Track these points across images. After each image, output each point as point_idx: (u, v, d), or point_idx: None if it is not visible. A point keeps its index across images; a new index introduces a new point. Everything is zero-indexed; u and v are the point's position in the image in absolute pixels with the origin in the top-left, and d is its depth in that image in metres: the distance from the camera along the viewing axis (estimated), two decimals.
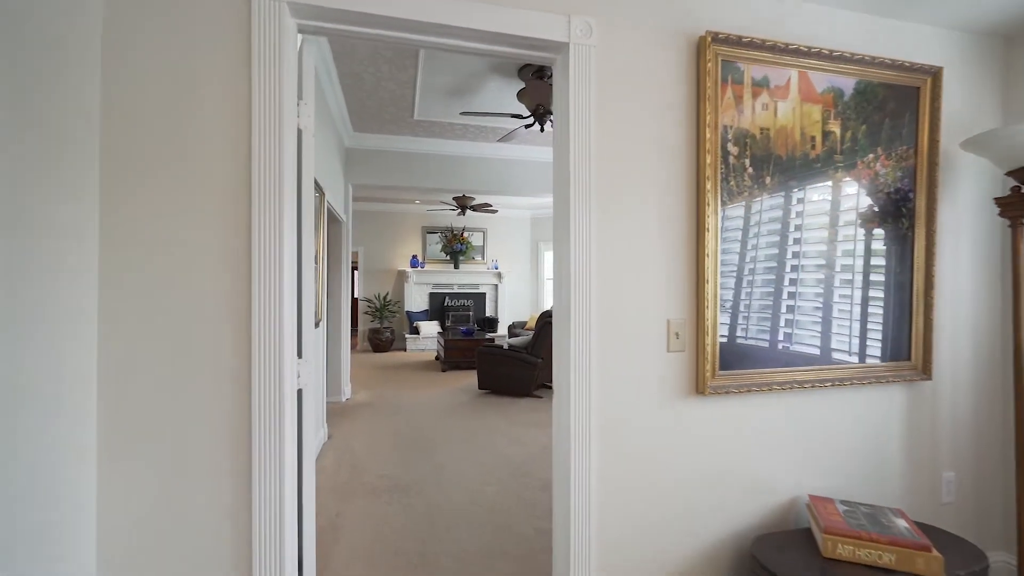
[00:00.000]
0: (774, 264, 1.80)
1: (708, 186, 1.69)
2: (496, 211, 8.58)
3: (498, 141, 4.87)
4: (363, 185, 5.67)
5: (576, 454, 1.60)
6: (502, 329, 10.06)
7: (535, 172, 6.06)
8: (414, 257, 9.77)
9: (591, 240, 1.62)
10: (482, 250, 10.34)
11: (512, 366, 5.47)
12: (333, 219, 5.02)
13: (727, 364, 1.74)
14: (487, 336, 7.66)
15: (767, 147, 1.77)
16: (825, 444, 1.87)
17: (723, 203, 1.72)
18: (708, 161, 1.68)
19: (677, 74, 1.71)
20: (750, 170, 1.75)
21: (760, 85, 1.76)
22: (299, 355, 1.50)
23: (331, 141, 4.43)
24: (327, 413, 4.68)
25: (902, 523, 1.60)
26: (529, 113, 3.88)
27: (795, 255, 1.82)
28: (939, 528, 1.88)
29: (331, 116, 4.48)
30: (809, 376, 1.82)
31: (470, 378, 6.68)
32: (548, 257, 10.42)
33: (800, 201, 1.82)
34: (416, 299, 9.86)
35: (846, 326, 1.88)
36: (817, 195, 1.84)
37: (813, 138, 1.82)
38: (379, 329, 9.28)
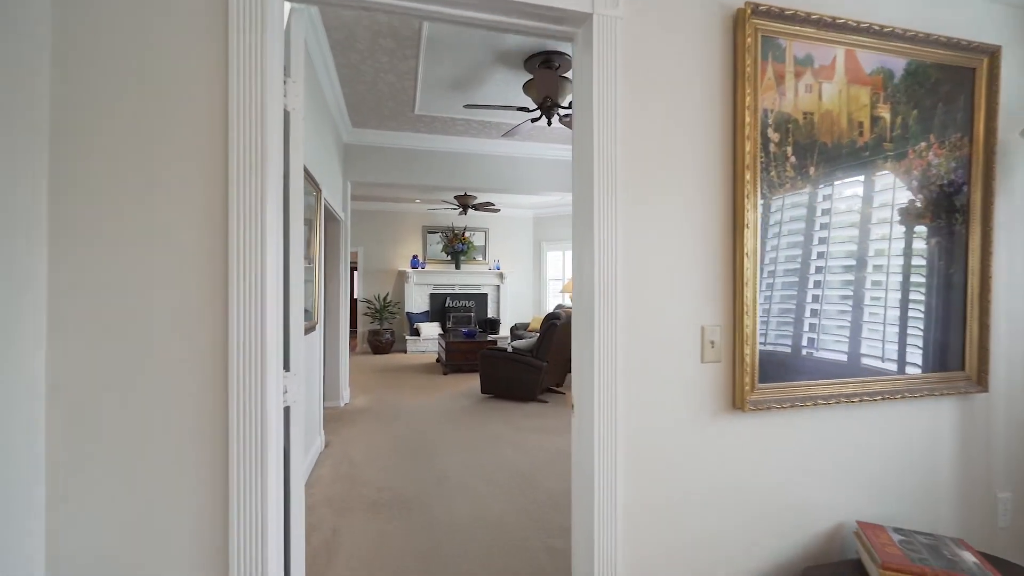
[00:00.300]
0: (821, 264, 1.61)
1: (747, 176, 1.50)
2: (498, 210, 8.40)
3: (502, 137, 4.68)
4: (362, 183, 5.49)
5: (600, 473, 1.42)
6: (504, 330, 9.88)
7: (541, 169, 5.88)
8: (414, 257, 9.59)
9: (616, 238, 1.43)
10: (484, 250, 10.16)
11: (516, 370, 5.29)
12: (331, 217, 4.84)
13: (766, 376, 1.55)
14: (489, 338, 7.48)
15: (811, 133, 1.59)
16: (872, 463, 1.69)
17: (763, 196, 1.54)
18: (747, 148, 1.50)
19: (711, 50, 1.53)
20: (793, 159, 1.57)
21: (803, 64, 1.57)
22: (286, 367, 1.31)
23: (328, 136, 4.25)
24: (324, 419, 4.51)
25: (969, 556, 1.42)
26: (536, 106, 3.70)
27: (848, 254, 1.64)
28: (1005, 559, 1.70)
29: (328, 110, 4.30)
30: (856, 389, 1.64)
31: (472, 381, 6.50)
32: (551, 257, 10.23)
33: (849, 195, 1.64)
34: (416, 300, 9.68)
35: (897, 333, 1.69)
36: (865, 188, 1.65)
37: (861, 124, 1.64)
38: (379, 331, 9.10)
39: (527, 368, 5.23)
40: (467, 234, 9.85)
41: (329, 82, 4.07)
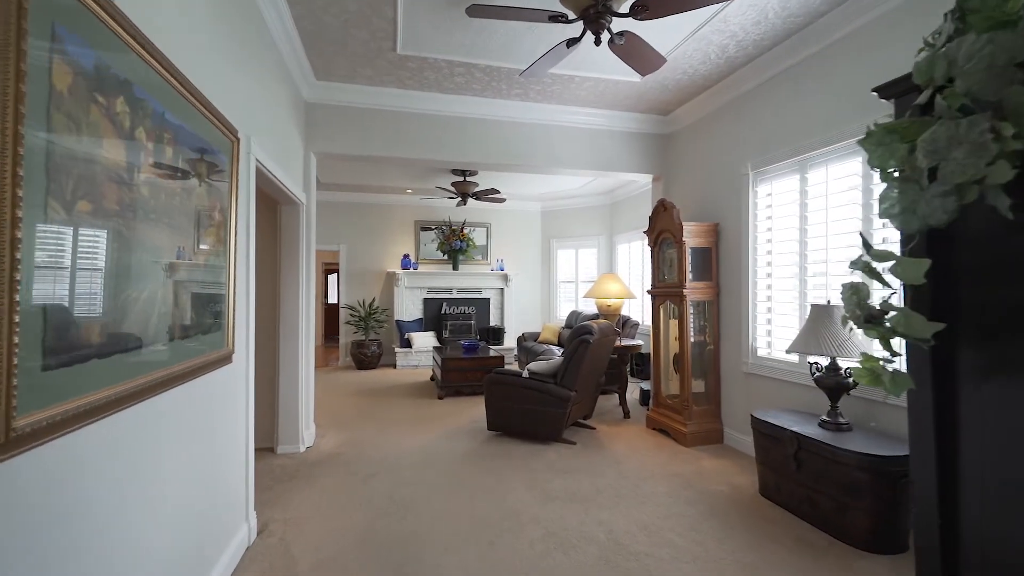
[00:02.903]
0: None
1: None
2: (504, 200, 7.12)
3: (521, 76, 3.42)
4: (332, 156, 4.20)
5: None
6: (510, 340, 8.59)
7: (566, 140, 4.60)
8: (405, 257, 8.30)
9: None
10: (485, 249, 8.88)
11: (534, 400, 4.00)
12: (287, 200, 3.56)
13: None
14: (493, 352, 6.18)
15: None
16: None
17: None
18: None
19: None
20: None
21: None
22: None
23: (273, 83, 2.97)
24: (275, 477, 3.19)
25: None
26: (577, 15, 2.43)
27: None
28: None
29: (275, 46, 3.01)
30: None
31: (475, 409, 5.20)
32: (562, 256, 8.96)
33: None
34: (408, 306, 8.37)
35: None
36: None
37: None
38: (363, 342, 7.79)
39: (549, 399, 3.94)
40: (466, 230, 8.56)
41: (275, 10, 2.80)
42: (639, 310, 7.26)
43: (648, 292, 4.55)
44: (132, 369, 1.37)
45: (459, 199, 7.02)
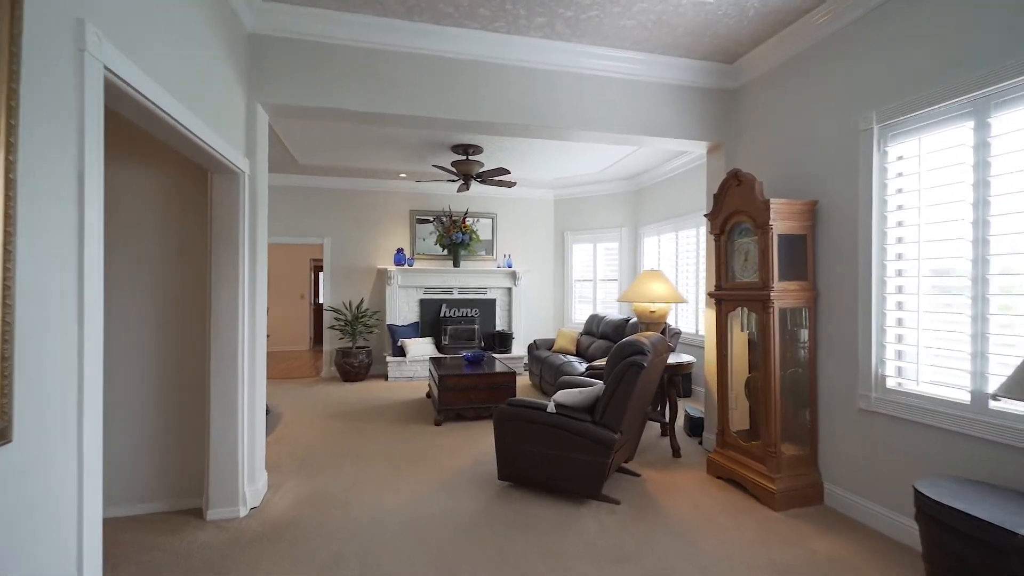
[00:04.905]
0: None
1: None
2: (513, 184, 6.02)
3: None
4: (289, 109, 3.11)
5: None
6: (518, 348, 7.50)
7: (598, 94, 3.50)
8: (399, 251, 7.20)
9: None
10: (491, 243, 7.79)
11: (563, 444, 2.91)
12: (222, 169, 2.45)
13: None
14: (500, 368, 5.10)
15: None
16: None
17: None
18: None
19: None
20: None
21: None
22: None
23: None
24: (184, 568, 2.11)
25: None
26: None
27: None
28: None
29: None
30: None
31: (481, 440, 4.12)
32: (578, 251, 7.86)
33: None
34: (402, 308, 7.29)
35: None
36: None
37: None
38: (350, 350, 6.71)
39: (585, 444, 2.85)
40: (469, 221, 7.46)
41: None
42: (674, 314, 6.16)
43: (710, 295, 3.45)
44: None
45: (461, 182, 5.92)
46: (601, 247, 7.60)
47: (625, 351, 2.86)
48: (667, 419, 3.88)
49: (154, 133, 2.05)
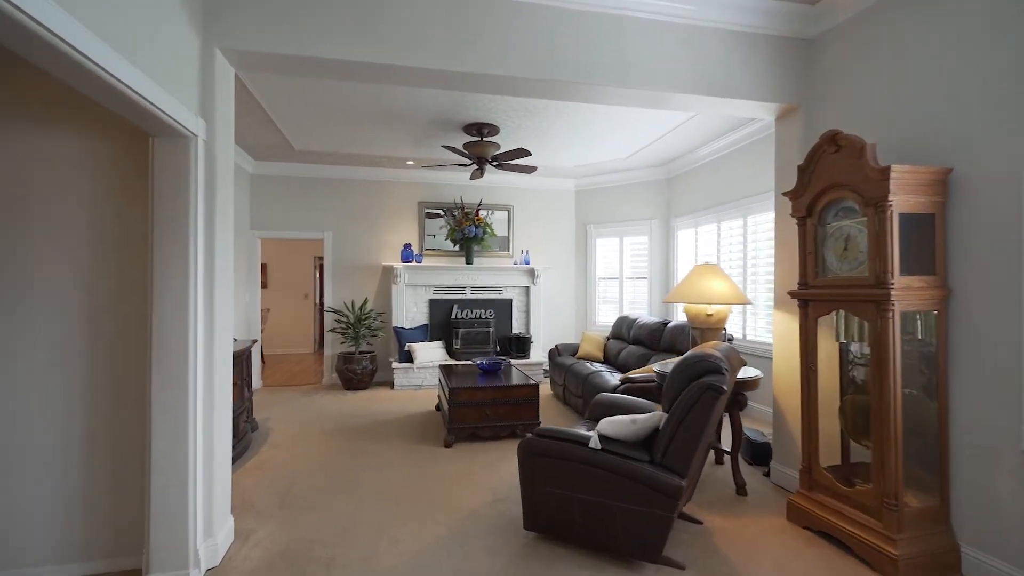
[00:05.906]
0: None
1: None
2: (534, 168, 5.32)
3: None
4: (262, 56, 2.46)
5: None
6: (537, 353, 6.80)
7: (647, 41, 2.79)
8: (407, 247, 6.55)
9: None
10: (507, 239, 7.11)
11: (611, 490, 2.21)
12: (165, 132, 1.78)
13: None
14: (518, 380, 4.42)
15: None
16: None
17: None
18: None
19: None
20: None
21: None
22: None
23: None
24: None
25: None
26: None
27: None
28: None
29: None
30: None
31: (499, 468, 3.44)
32: (601, 247, 7.13)
33: None
34: (410, 309, 6.64)
35: None
36: None
37: None
38: (352, 356, 6.07)
39: (641, 491, 2.15)
40: (483, 213, 6.79)
41: None
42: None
43: (792, 295, 2.72)
44: None
45: (474, 167, 5.24)
46: (628, 241, 6.87)
47: (695, 369, 2.15)
48: (729, 447, 3.16)
49: (72, 83, 1.41)
